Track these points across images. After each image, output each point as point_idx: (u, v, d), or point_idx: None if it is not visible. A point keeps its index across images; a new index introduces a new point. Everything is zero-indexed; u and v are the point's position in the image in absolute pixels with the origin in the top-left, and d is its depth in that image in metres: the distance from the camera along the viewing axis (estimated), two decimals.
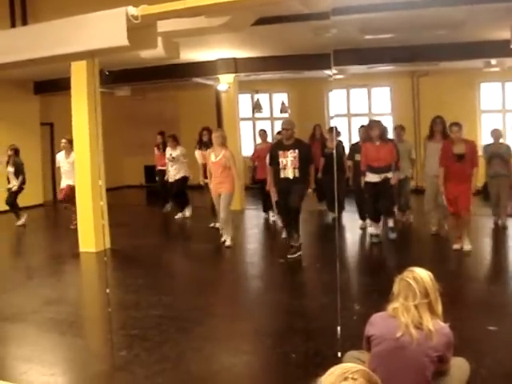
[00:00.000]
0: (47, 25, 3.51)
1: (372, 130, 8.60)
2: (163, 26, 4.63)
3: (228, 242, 8.84)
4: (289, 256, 7.87)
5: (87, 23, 3.32)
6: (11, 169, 11.33)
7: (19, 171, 11.30)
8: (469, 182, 7.81)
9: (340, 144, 11.03)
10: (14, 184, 11.31)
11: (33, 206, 13.36)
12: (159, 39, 5.99)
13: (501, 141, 9.60)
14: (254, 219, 11.51)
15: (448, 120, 8.69)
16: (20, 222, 11.48)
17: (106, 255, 8.43)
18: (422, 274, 3.20)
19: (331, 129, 11.59)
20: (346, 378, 1.84)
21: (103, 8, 3.44)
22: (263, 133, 11.63)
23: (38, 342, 5.27)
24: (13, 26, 5.73)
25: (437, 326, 3.12)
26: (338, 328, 3.89)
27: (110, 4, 3.40)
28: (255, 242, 9.94)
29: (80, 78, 8.35)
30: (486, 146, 9.77)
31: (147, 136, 14.92)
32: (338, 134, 11.38)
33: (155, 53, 6.10)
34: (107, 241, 8.92)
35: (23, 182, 11.38)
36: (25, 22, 5.66)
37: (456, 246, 7.96)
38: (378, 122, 9.11)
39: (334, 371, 1.88)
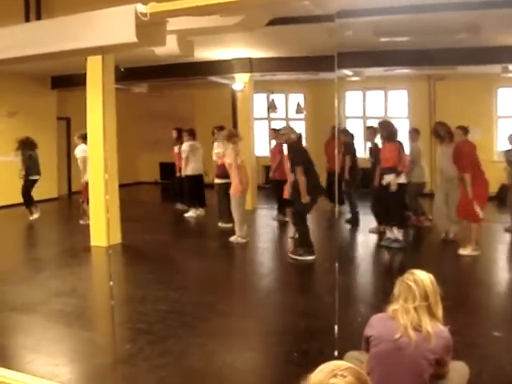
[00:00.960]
0: (58, 20, 3.58)
1: (379, 131, 8.63)
2: (177, 24, 4.67)
3: (232, 239, 9.07)
4: (293, 256, 8.00)
5: (97, 19, 3.38)
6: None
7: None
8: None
9: (351, 145, 11.03)
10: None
11: (47, 199, 13.50)
12: (174, 37, 6.05)
13: None
14: (266, 218, 11.53)
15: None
16: (32, 217, 11.64)
17: (111, 249, 8.58)
18: (423, 277, 3.21)
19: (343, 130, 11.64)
20: (335, 375, 1.85)
21: (115, 5, 3.49)
22: (273, 132, 11.52)
23: (45, 332, 5.35)
24: (27, 20, 5.82)
25: (436, 328, 3.12)
26: (336, 327, 3.92)
27: (122, 1, 3.45)
28: (265, 241, 9.96)
29: (94, 73, 8.44)
30: (507, 152, 9.71)
31: (163, 133, 15.04)
32: (351, 136, 11.37)
33: (170, 50, 6.14)
34: (117, 235, 9.08)
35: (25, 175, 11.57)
36: (39, 17, 5.74)
37: (462, 252, 7.95)
38: (385, 122, 9.12)
39: (324, 368, 1.89)
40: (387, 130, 8.53)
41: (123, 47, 3.59)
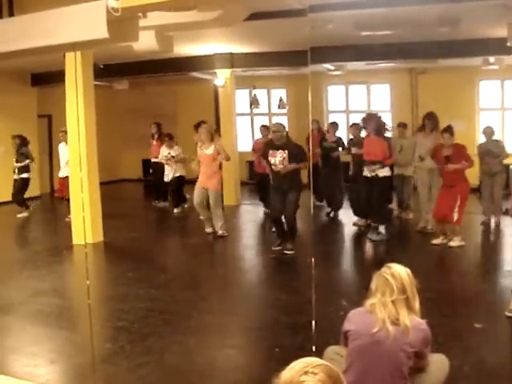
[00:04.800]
0: (30, 17, 3.52)
1: (367, 124, 8.62)
2: (155, 19, 4.63)
3: (221, 232, 9.10)
4: (273, 248, 8.13)
5: (68, 16, 3.33)
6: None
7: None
8: None
9: (339, 140, 11.06)
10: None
11: (29, 198, 13.34)
12: (152, 33, 6.00)
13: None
14: (249, 214, 11.52)
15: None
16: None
17: (92, 247, 8.54)
18: (400, 270, 3.21)
19: (333, 123, 11.59)
20: (306, 373, 1.82)
21: (87, 0, 3.44)
22: (264, 129, 11.38)
23: (25, 333, 5.29)
24: None
25: (414, 321, 3.12)
26: (313, 322, 3.90)
27: None
28: (248, 236, 9.95)
29: (73, 70, 8.35)
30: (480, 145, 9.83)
31: (145, 130, 14.87)
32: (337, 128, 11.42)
33: (148, 46, 6.10)
34: (99, 233, 9.05)
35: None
36: (11, 14, 5.66)
37: (452, 244, 8.00)
38: (372, 115, 9.15)
39: (295, 365, 1.87)
40: (375, 123, 8.55)
41: (96, 43, 3.55)
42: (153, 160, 12.55)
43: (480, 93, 14.27)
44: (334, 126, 11.28)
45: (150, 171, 13.04)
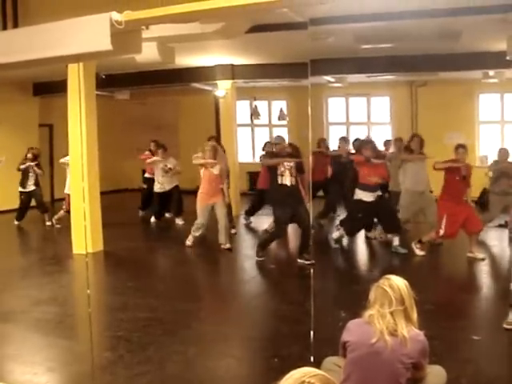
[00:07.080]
0: (34, 28, 3.57)
1: (364, 149, 8.63)
2: (157, 31, 4.68)
3: (228, 245, 9.09)
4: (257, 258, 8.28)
5: (72, 28, 3.37)
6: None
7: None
8: None
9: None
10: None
11: (30, 206, 13.36)
12: (154, 44, 6.06)
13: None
14: (250, 225, 11.53)
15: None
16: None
17: (92, 257, 8.54)
18: (398, 282, 3.24)
19: (343, 138, 11.56)
20: (303, 382, 1.84)
21: (93, 12, 3.49)
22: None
23: (24, 341, 5.30)
24: (4, 28, 5.79)
25: (411, 332, 3.15)
26: (311, 333, 3.92)
27: (98, 9, 3.44)
28: (248, 247, 9.94)
29: (75, 80, 8.41)
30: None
31: (146, 140, 14.95)
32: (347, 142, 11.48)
33: (150, 57, 6.15)
34: (99, 242, 9.08)
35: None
36: (16, 25, 5.72)
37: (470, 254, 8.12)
38: (370, 140, 9.36)
39: (292, 375, 1.89)
40: (372, 148, 8.61)
41: (99, 55, 3.59)
42: (147, 175, 12.61)
43: (480, 106, 14.34)
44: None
45: (145, 186, 13.02)
